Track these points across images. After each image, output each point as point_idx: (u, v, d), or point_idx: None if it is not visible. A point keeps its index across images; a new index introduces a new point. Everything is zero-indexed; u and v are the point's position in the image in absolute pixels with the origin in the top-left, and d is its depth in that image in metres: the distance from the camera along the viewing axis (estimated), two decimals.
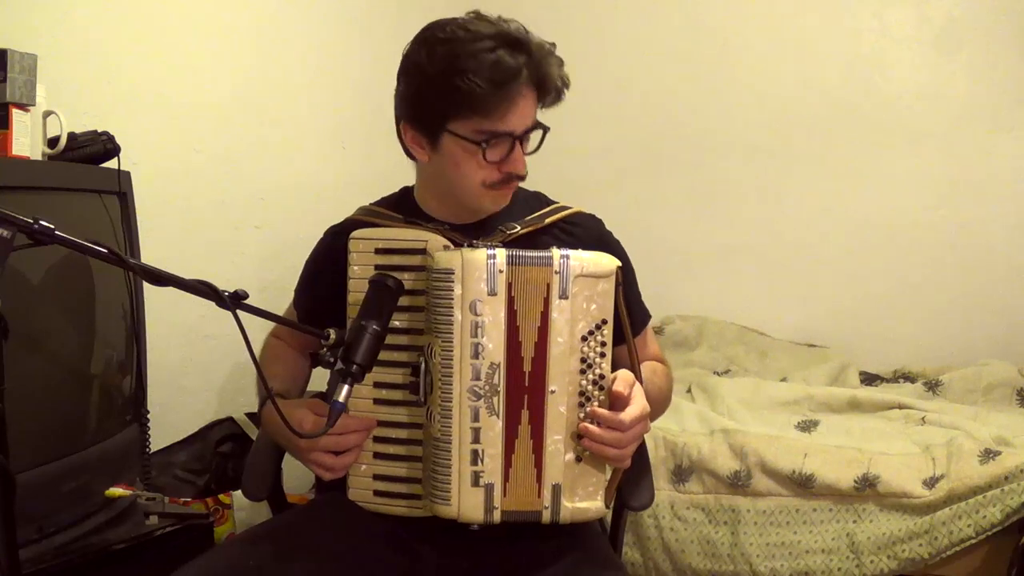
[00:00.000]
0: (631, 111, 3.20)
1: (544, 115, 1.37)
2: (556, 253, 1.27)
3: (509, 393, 1.26)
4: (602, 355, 1.28)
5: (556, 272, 1.26)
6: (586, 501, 1.28)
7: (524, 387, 1.27)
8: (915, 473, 2.08)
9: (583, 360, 1.27)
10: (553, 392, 1.26)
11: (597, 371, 1.27)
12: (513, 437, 1.27)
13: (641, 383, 1.31)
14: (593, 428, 1.25)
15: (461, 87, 1.26)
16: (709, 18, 3.17)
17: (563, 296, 1.26)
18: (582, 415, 1.27)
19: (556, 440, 1.26)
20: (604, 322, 1.28)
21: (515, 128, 1.31)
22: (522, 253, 1.27)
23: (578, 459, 1.27)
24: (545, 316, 1.26)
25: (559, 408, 1.26)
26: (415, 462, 1.31)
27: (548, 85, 1.32)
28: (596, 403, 1.27)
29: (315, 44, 2.72)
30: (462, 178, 1.35)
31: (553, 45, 1.33)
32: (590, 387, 1.27)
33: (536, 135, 1.36)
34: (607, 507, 1.30)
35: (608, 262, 1.28)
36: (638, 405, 1.26)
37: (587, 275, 1.26)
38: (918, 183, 2.97)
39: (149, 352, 1.88)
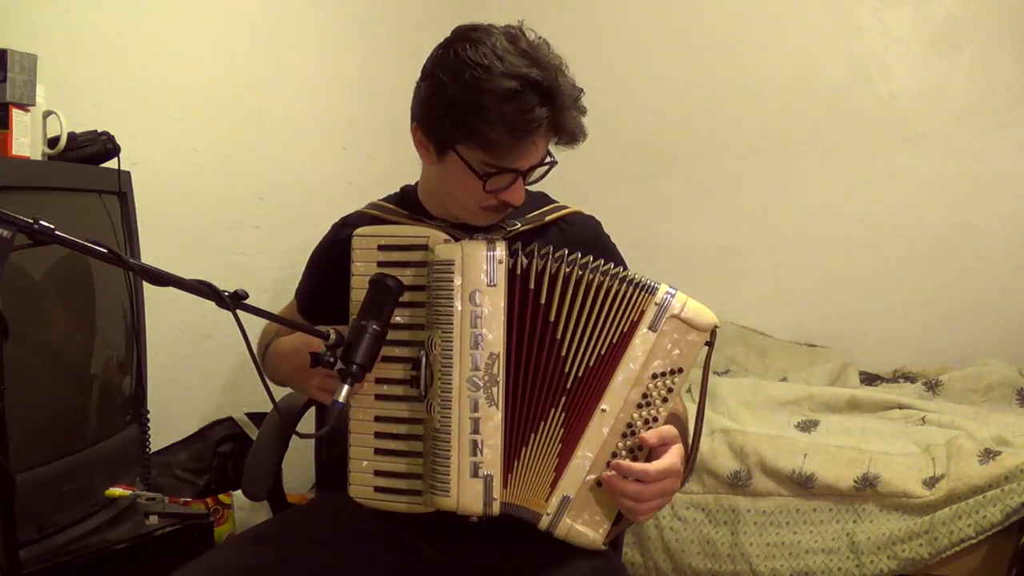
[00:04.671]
0: (631, 111, 3.20)
1: None
2: (664, 286, 1.28)
3: (522, 386, 1.26)
4: (664, 400, 1.27)
5: (656, 303, 1.26)
6: (587, 527, 1.27)
7: (572, 392, 1.26)
8: (915, 473, 2.08)
9: (644, 396, 1.26)
10: (604, 411, 1.26)
11: (653, 412, 1.27)
12: (527, 431, 1.27)
13: (693, 446, 1.30)
14: (615, 479, 1.24)
15: (477, 125, 1.24)
16: (709, 18, 3.17)
17: (652, 328, 1.26)
18: (620, 444, 1.27)
19: (587, 456, 1.26)
20: (680, 370, 1.27)
21: (521, 166, 1.31)
22: (623, 273, 1.27)
23: (599, 483, 1.26)
24: (626, 337, 1.26)
25: (603, 428, 1.26)
26: (416, 458, 1.31)
27: (565, 133, 1.31)
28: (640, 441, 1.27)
29: (315, 44, 2.73)
30: (459, 195, 1.35)
31: (581, 91, 1.31)
32: (640, 423, 1.26)
33: (542, 166, 1.34)
34: (604, 544, 1.29)
35: (708, 317, 1.27)
36: (667, 461, 1.24)
37: (683, 319, 1.26)
38: (918, 183, 2.98)
39: (149, 352, 1.88)
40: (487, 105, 1.23)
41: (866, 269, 3.04)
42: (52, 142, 1.76)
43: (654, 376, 1.27)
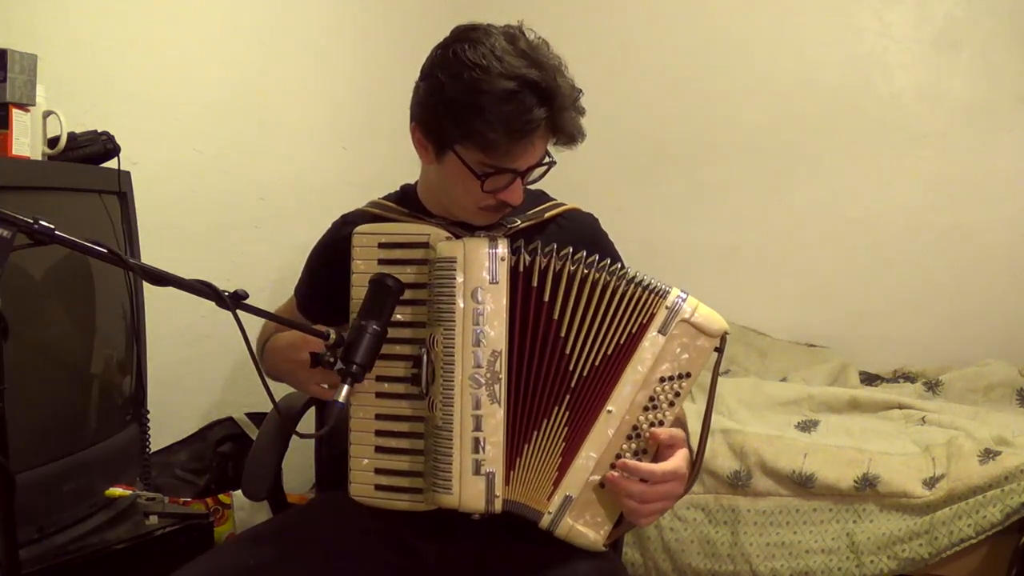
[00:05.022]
0: (631, 111, 3.20)
1: None
2: (675, 290, 1.28)
3: (525, 383, 1.26)
4: (671, 404, 1.27)
5: (667, 307, 1.26)
6: (588, 528, 1.27)
7: (577, 391, 1.26)
8: (915, 473, 2.08)
9: (651, 399, 1.27)
10: (610, 412, 1.26)
11: (660, 415, 1.27)
12: (530, 428, 1.26)
13: (699, 451, 1.30)
14: (620, 478, 1.24)
15: (475, 126, 1.25)
16: (710, 18, 3.17)
17: (662, 332, 1.26)
18: (625, 446, 1.27)
19: (590, 456, 1.26)
20: (688, 375, 1.27)
21: (519, 166, 1.31)
22: (632, 274, 1.27)
23: (602, 485, 1.26)
24: (634, 339, 1.26)
25: (607, 429, 1.26)
26: (417, 455, 1.31)
27: (563, 134, 1.31)
28: (645, 444, 1.27)
29: (315, 44, 2.73)
30: (457, 195, 1.36)
31: (580, 92, 1.31)
32: (645, 426, 1.27)
33: (540, 166, 1.35)
34: (604, 546, 1.29)
35: (718, 322, 1.27)
36: (673, 463, 1.24)
37: (693, 324, 1.26)
38: (918, 183, 2.98)
39: (149, 352, 1.88)
40: (485, 106, 1.23)
41: (866, 269, 3.04)
42: (52, 142, 1.76)
43: (662, 380, 1.27)
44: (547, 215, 1.46)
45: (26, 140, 1.65)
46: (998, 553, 1.98)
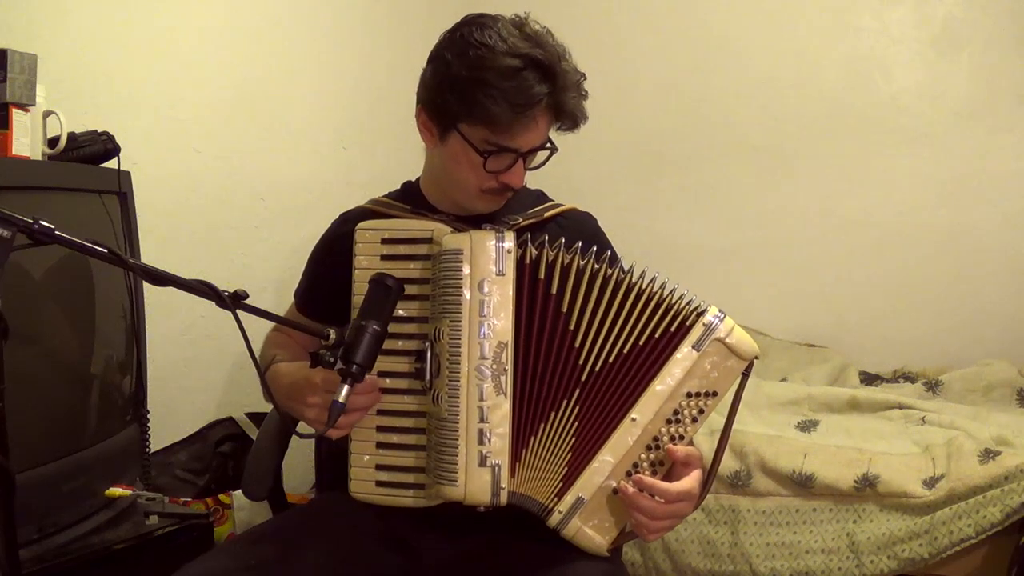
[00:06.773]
0: (631, 110, 3.20)
1: None
2: (713, 307, 1.28)
3: (532, 375, 1.26)
4: (694, 420, 1.27)
5: (704, 324, 1.26)
6: (595, 532, 1.27)
7: (587, 385, 1.26)
8: (915, 473, 2.08)
9: (676, 412, 1.26)
10: (634, 420, 1.26)
11: (681, 430, 1.27)
12: (537, 420, 1.26)
13: (710, 473, 1.30)
14: (634, 492, 1.23)
15: (479, 100, 1.27)
16: (710, 18, 3.17)
17: (696, 347, 1.26)
18: (643, 456, 1.27)
19: (607, 460, 1.26)
20: (714, 393, 1.27)
21: (522, 146, 1.32)
22: (676, 288, 1.27)
23: (615, 491, 1.26)
24: (658, 345, 1.26)
25: (628, 437, 1.26)
26: (419, 451, 1.31)
27: (565, 114, 1.33)
28: (662, 456, 1.27)
29: (315, 44, 2.73)
30: (460, 177, 1.36)
31: (583, 76, 1.33)
32: (666, 438, 1.26)
33: (543, 150, 1.36)
34: (607, 552, 1.29)
35: (751, 346, 1.28)
36: (687, 484, 1.24)
37: (727, 344, 1.26)
38: (918, 183, 2.98)
39: (149, 352, 1.88)
40: (489, 80, 1.26)
41: (866, 269, 3.04)
42: (52, 142, 1.76)
43: (688, 395, 1.26)
44: (547, 214, 1.47)
45: (26, 140, 1.65)
46: (998, 553, 1.98)
